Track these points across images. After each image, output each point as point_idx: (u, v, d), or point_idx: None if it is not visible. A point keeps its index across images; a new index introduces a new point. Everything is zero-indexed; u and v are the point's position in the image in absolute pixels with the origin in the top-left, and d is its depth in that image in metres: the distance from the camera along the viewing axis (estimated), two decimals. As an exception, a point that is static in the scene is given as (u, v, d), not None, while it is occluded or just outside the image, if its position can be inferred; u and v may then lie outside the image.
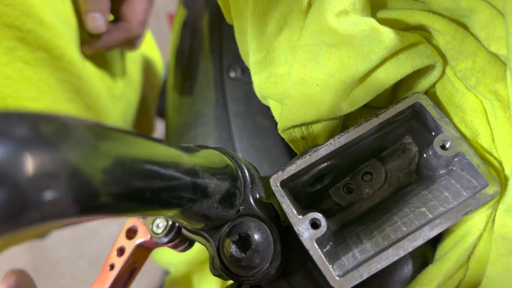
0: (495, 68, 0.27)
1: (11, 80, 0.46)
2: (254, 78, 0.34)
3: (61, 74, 0.50)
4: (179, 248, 0.33)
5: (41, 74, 0.48)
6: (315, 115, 0.30)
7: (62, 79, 0.50)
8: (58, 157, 0.15)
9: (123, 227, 0.36)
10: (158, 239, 0.32)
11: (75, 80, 0.52)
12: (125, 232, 0.36)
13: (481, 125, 0.28)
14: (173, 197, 0.21)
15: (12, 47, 0.44)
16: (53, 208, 0.15)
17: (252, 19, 0.32)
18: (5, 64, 0.45)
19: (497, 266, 0.27)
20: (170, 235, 0.32)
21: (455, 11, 0.29)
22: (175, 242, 0.32)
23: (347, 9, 0.28)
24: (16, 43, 0.44)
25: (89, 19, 0.52)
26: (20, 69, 0.46)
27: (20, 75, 0.46)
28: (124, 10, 0.57)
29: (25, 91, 0.47)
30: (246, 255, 0.26)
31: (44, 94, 0.49)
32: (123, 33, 0.57)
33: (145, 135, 0.21)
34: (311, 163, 0.28)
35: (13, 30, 0.43)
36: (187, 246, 0.34)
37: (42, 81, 0.49)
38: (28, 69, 0.47)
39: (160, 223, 0.32)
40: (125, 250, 0.35)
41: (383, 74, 0.29)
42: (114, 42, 0.57)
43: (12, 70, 0.46)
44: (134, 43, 0.61)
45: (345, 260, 0.27)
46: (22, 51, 0.45)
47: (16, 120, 0.15)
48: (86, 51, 0.55)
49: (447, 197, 0.27)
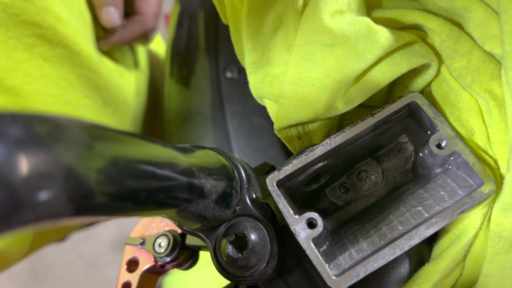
0: (490, 66, 0.27)
1: (32, 77, 0.46)
2: (250, 78, 0.34)
3: (80, 70, 0.50)
4: (183, 267, 0.33)
5: (61, 70, 0.48)
6: (311, 115, 0.30)
7: (81, 75, 0.50)
8: (52, 157, 0.15)
9: (122, 262, 0.35)
10: (161, 259, 0.32)
11: (93, 75, 0.52)
12: (126, 265, 0.34)
13: (476, 123, 0.28)
14: (169, 197, 0.21)
15: (32, 44, 0.44)
16: (48, 208, 0.15)
17: (248, 19, 0.32)
18: (26, 61, 0.45)
19: (493, 264, 0.27)
20: (173, 253, 0.31)
21: (450, 10, 0.29)
22: (179, 260, 0.32)
23: (342, 9, 0.28)
24: (35, 40, 0.44)
25: (103, 14, 0.52)
26: (40, 66, 0.46)
27: (40, 71, 0.46)
28: (138, 4, 0.57)
29: (46, 87, 0.47)
30: (242, 255, 0.26)
31: (64, 90, 0.50)
32: (139, 26, 0.57)
33: (140, 135, 0.21)
34: (307, 162, 0.28)
35: (32, 27, 0.43)
36: (191, 263, 0.33)
37: (61, 78, 0.49)
38: (48, 65, 0.47)
39: (162, 242, 0.32)
40: (131, 284, 0.34)
41: (379, 73, 0.29)
42: (130, 36, 0.57)
43: (33, 67, 0.46)
44: (148, 37, 0.61)
45: (341, 259, 0.27)
46: (41, 48, 0.45)
47: (9, 121, 0.15)
48: (103, 47, 0.54)
49: (443, 196, 0.27)
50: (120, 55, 0.61)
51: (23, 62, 0.45)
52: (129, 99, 0.62)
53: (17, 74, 0.44)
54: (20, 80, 0.45)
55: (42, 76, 0.47)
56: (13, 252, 0.55)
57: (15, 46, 0.43)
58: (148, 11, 0.57)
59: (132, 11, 0.58)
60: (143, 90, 0.69)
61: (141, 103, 0.68)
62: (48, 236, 0.66)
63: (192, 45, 0.60)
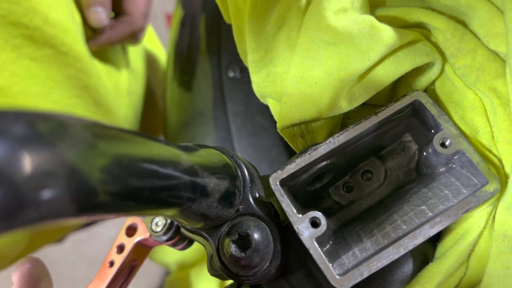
0: (494, 65, 0.27)
1: (19, 78, 0.46)
2: (253, 77, 0.34)
3: (68, 70, 0.50)
4: (178, 246, 0.33)
5: (48, 70, 0.48)
6: (314, 114, 0.30)
7: (69, 75, 0.51)
8: (56, 155, 0.15)
9: (124, 224, 0.36)
10: (157, 237, 0.32)
11: (82, 75, 0.52)
12: (125, 229, 0.36)
13: (480, 122, 0.28)
14: (172, 196, 0.21)
15: (19, 44, 0.45)
16: (51, 207, 0.15)
17: (251, 18, 0.32)
18: (13, 62, 0.45)
19: (498, 264, 0.27)
20: (169, 233, 0.32)
21: (454, 8, 0.29)
22: (174, 240, 0.32)
23: (346, 7, 0.28)
24: (23, 41, 0.45)
25: (91, 13, 0.52)
26: (27, 66, 0.46)
27: (27, 72, 0.47)
28: (126, 4, 0.57)
29: (33, 87, 0.48)
30: (246, 255, 0.26)
31: (52, 90, 0.50)
32: (127, 26, 0.57)
33: (143, 134, 0.21)
34: (311, 161, 0.28)
35: (20, 28, 0.43)
36: (187, 244, 0.34)
37: (49, 78, 0.49)
38: (35, 65, 0.47)
39: (159, 222, 0.32)
40: (125, 247, 0.35)
41: (382, 72, 0.28)
42: (119, 37, 0.57)
43: (20, 68, 0.46)
44: (137, 37, 0.61)
45: (345, 258, 0.27)
46: (28, 48, 0.46)
47: (13, 119, 0.14)
48: (92, 47, 0.55)
49: (447, 195, 0.27)
50: (111, 55, 0.61)
51: (10, 63, 0.45)
52: (122, 99, 0.62)
53: (4, 74, 0.45)
54: (7, 80, 0.45)
55: (29, 76, 0.47)
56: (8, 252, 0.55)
57: (2, 47, 0.44)
58: (136, 11, 0.57)
59: (121, 11, 0.58)
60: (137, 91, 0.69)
61: (135, 103, 0.68)
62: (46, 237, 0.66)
63: (194, 45, 0.59)
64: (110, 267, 0.35)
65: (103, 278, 0.34)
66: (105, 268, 0.35)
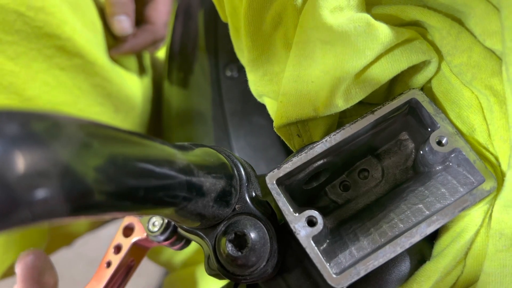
0: (490, 63, 0.27)
1: (49, 87, 0.47)
2: (250, 76, 0.34)
3: (94, 79, 0.52)
4: (175, 247, 0.33)
5: (76, 79, 0.50)
6: (310, 112, 0.30)
7: (95, 83, 0.52)
8: (49, 155, 0.15)
9: (121, 225, 0.36)
10: (154, 237, 0.32)
11: (106, 83, 0.53)
12: (122, 229, 0.36)
13: (477, 120, 0.28)
14: (167, 196, 0.21)
15: (51, 54, 0.46)
16: (44, 207, 0.15)
17: (247, 17, 0.32)
18: (44, 72, 0.46)
19: (495, 262, 0.27)
20: (166, 233, 0.32)
21: (450, 6, 0.29)
22: (171, 240, 0.32)
23: (342, 5, 0.28)
24: (55, 51, 0.46)
25: (115, 22, 0.53)
26: (57, 76, 0.48)
27: (56, 81, 0.48)
28: (149, 13, 0.58)
29: (61, 96, 0.49)
30: (242, 254, 0.26)
31: (78, 98, 0.51)
32: (149, 35, 0.58)
33: (139, 133, 0.21)
34: (307, 160, 0.28)
35: (53, 38, 0.45)
36: (184, 244, 0.34)
37: (76, 87, 0.50)
38: (64, 75, 0.48)
39: (156, 222, 0.32)
40: (122, 247, 0.35)
41: (379, 70, 0.28)
42: (141, 45, 0.57)
43: (50, 77, 0.47)
44: (157, 45, 0.61)
45: (342, 257, 0.26)
46: (59, 58, 0.47)
47: (6, 118, 0.14)
48: (114, 55, 0.55)
49: (444, 193, 0.27)
50: (129, 63, 0.62)
51: (41, 73, 0.46)
52: (138, 105, 0.63)
53: (35, 84, 0.46)
54: (38, 90, 0.47)
55: (58, 86, 0.48)
56: None
57: (35, 57, 0.45)
58: (159, 20, 0.58)
59: (143, 20, 0.58)
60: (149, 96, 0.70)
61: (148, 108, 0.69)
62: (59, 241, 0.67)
63: (191, 44, 0.59)
64: (107, 267, 0.35)
65: (100, 279, 0.35)
66: (103, 269, 0.35)
